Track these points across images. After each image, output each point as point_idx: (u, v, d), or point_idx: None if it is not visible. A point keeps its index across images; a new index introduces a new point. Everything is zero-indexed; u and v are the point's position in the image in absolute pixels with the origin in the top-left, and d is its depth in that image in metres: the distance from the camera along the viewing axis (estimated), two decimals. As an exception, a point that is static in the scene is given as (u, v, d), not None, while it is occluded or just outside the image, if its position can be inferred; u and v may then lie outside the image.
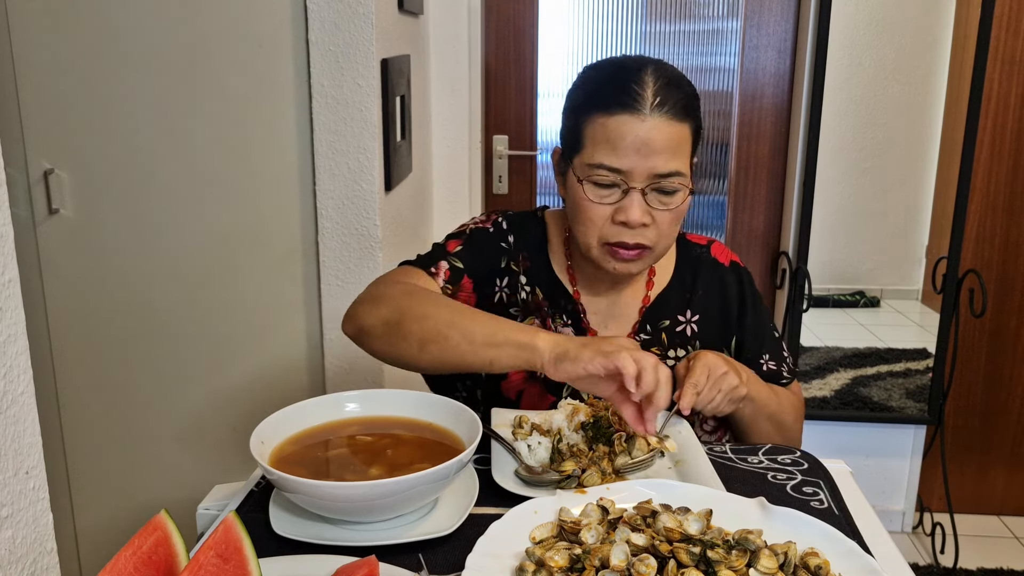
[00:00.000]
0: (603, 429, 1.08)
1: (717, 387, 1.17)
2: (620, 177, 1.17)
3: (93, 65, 1.81)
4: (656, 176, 1.17)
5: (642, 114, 1.15)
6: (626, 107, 1.15)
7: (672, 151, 1.17)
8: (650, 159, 1.16)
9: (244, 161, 1.86)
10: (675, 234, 1.25)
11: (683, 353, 1.33)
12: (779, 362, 1.39)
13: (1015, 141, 2.65)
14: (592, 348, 1.02)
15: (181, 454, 2.02)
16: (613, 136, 1.16)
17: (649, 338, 1.33)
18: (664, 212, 1.19)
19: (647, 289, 1.35)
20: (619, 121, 1.16)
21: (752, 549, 0.80)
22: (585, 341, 1.04)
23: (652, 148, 1.15)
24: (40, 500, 0.76)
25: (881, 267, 2.97)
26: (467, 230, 1.33)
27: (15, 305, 0.71)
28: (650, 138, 1.15)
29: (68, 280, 1.93)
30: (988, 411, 2.87)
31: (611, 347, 1.02)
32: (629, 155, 1.16)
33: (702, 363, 1.17)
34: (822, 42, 2.47)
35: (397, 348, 1.14)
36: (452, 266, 1.28)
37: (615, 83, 1.18)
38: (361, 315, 1.19)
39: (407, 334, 1.12)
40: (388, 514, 0.91)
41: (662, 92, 1.16)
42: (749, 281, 1.40)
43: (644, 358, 1.01)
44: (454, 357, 1.10)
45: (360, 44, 1.77)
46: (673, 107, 1.16)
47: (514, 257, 1.33)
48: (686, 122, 1.18)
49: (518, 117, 2.74)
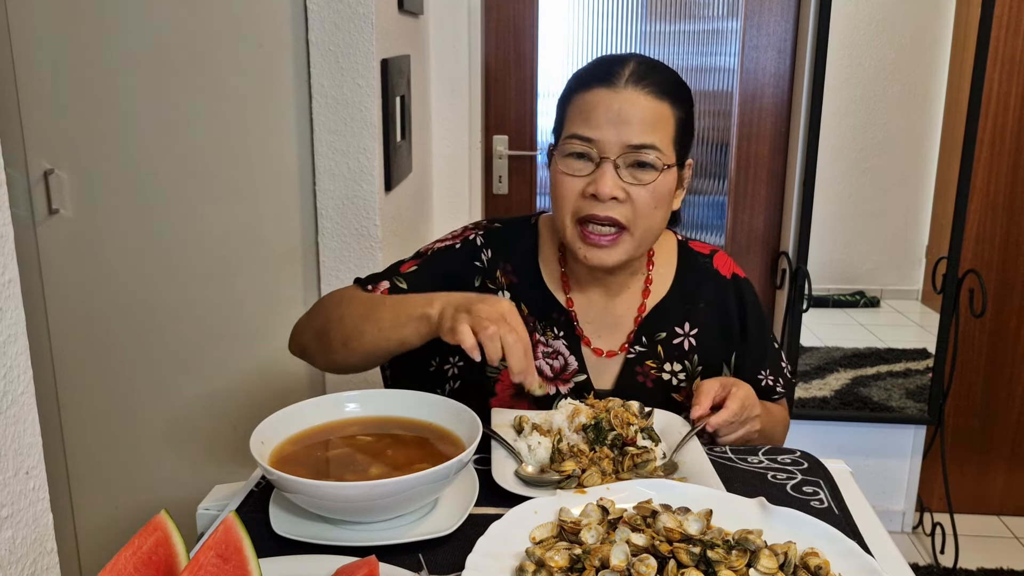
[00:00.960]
0: (603, 431, 1.08)
1: (744, 425, 1.19)
2: (593, 148, 1.16)
3: (93, 65, 1.81)
4: (629, 147, 1.15)
5: (616, 86, 1.16)
6: (601, 81, 1.17)
7: (648, 124, 1.16)
8: (622, 129, 1.15)
9: (244, 161, 1.86)
10: (657, 220, 1.20)
11: (679, 367, 1.29)
12: (777, 375, 1.36)
13: (1015, 141, 2.65)
14: (452, 319, 1.03)
15: (181, 454, 2.02)
16: (587, 107, 1.17)
17: (644, 350, 1.29)
18: (639, 189, 1.16)
19: (643, 297, 1.31)
20: (594, 94, 1.17)
21: (752, 549, 0.80)
22: (458, 306, 1.04)
23: (624, 118, 1.15)
24: (40, 500, 0.76)
25: (881, 267, 2.97)
26: (429, 251, 1.32)
27: (15, 305, 0.71)
28: (623, 109, 1.15)
29: (68, 280, 1.93)
30: (988, 411, 2.87)
31: (465, 319, 1.01)
32: (601, 125, 1.15)
33: (741, 398, 1.17)
34: (822, 42, 2.47)
35: (327, 356, 1.20)
36: (393, 285, 1.26)
37: (597, 67, 1.21)
38: (299, 334, 1.25)
39: (332, 339, 1.17)
40: (388, 514, 0.91)
41: (640, 70, 1.17)
42: (751, 294, 1.36)
43: (483, 330, 0.99)
44: (371, 347, 1.13)
45: (360, 44, 1.77)
46: (652, 84, 1.17)
47: (490, 274, 1.29)
48: (667, 101, 1.17)
49: (518, 117, 2.74)
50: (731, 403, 1.16)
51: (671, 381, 1.29)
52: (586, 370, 1.28)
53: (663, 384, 1.29)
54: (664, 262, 1.34)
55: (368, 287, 1.26)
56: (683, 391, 1.30)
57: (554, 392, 1.26)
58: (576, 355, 1.28)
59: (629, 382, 1.28)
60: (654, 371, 1.29)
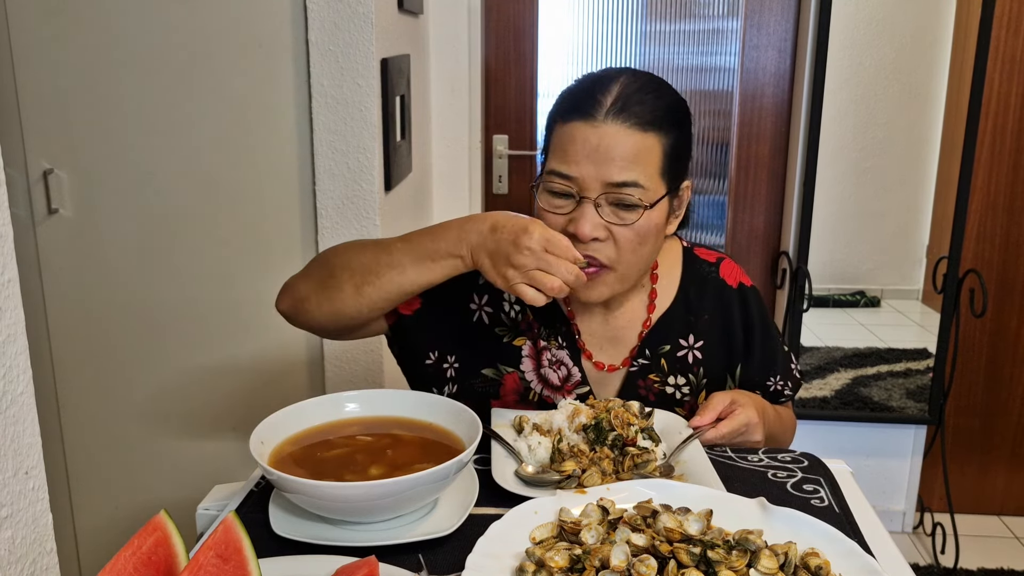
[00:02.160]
0: (604, 431, 1.08)
1: (741, 439, 1.18)
2: (574, 187, 1.12)
3: (93, 65, 1.81)
4: (609, 185, 1.10)
5: (595, 121, 1.10)
6: (581, 114, 1.11)
7: (629, 160, 1.10)
8: (602, 167, 1.10)
9: (244, 161, 1.86)
10: (643, 256, 1.16)
11: (683, 381, 1.27)
12: (786, 379, 1.33)
13: (1015, 141, 2.65)
14: (501, 276, 1.04)
15: (181, 454, 2.02)
16: (566, 142, 1.12)
17: (647, 363, 1.27)
18: (622, 228, 1.12)
19: (648, 312, 1.28)
20: (573, 127, 1.12)
21: (752, 549, 0.80)
22: (494, 256, 1.05)
23: (604, 156, 1.09)
24: (40, 500, 0.76)
25: (881, 267, 2.97)
26: None
27: (15, 305, 0.71)
28: (602, 145, 1.09)
29: (68, 280, 1.93)
30: (988, 411, 2.87)
31: (515, 275, 1.03)
32: (580, 162, 1.10)
33: (743, 420, 1.16)
34: (822, 42, 2.47)
35: (333, 302, 1.15)
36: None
37: (581, 92, 1.14)
38: (293, 286, 1.21)
39: (341, 286, 1.14)
40: (388, 514, 0.91)
41: (623, 99, 1.11)
42: (757, 302, 1.32)
43: (547, 287, 1.02)
44: (391, 289, 1.12)
45: (360, 44, 1.77)
46: (634, 115, 1.10)
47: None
48: (651, 132, 1.11)
49: (518, 117, 2.74)
50: (722, 427, 1.15)
51: (675, 395, 1.27)
52: (588, 383, 1.26)
53: (666, 398, 1.27)
54: (668, 272, 1.30)
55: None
56: (687, 404, 1.28)
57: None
58: (579, 367, 1.26)
59: (632, 395, 1.26)
60: (657, 384, 1.27)
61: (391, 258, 1.11)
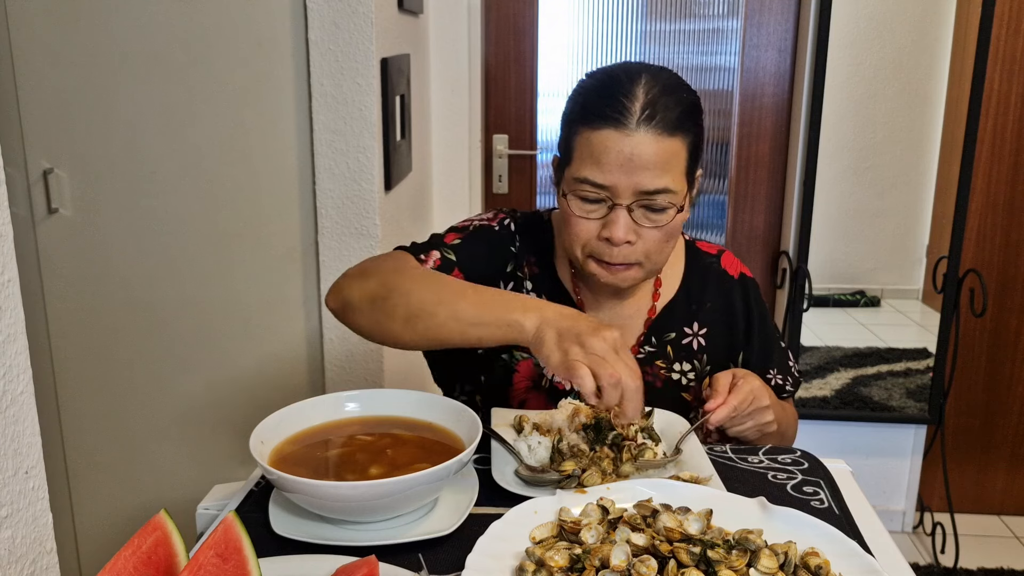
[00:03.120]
0: (604, 431, 1.08)
1: (753, 417, 1.18)
2: (605, 193, 1.14)
3: (93, 65, 1.81)
4: (642, 193, 1.12)
5: (627, 129, 1.11)
6: (611, 121, 1.11)
7: (660, 167, 1.12)
8: (635, 176, 1.11)
9: (244, 161, 1.86)
10: (668, 250, 1.20)
11: (688, 367, 1.30)
12: (785, 374, 1.36)
13: (1015, 141, 2.65)
14: (561, 351, 0.97)
15: (181, 454, 2.02)
16: (598, 151, 1.12)
17: (654, 350, 1.30)
18: (652, 229, 1.15)
19: (653, 300, 1.32)
20: (604, 136, 1.12)
21: (752, 549, 0.80)
22: (563, 333, 0.98)
23: (637, 164, 1.11)
24: (40, 500, 0.76)
25: (881, 267, 2.97)
26: (471, 225, 1.30)
27: (14, 305, 0.71)
28: (635, 154, 1.11)
29: (68, 280, 1.93)
30: (988, 411, 2.87)
31: (579, 353, 0.96)
32: (613, 171, 1.12)
33: (748, 389, 1.17)
34: (822, 41, 2.47)
35: (382, 325, 1.10)
36: (443, 256, 1.24)
37: (603, 95, 1.14)
38: (347, 288, 1.15)
39: (392, 310, 1.08)
40: (388, 514, 0.91)
41: (651, 105, 1.11)
42: (756, 294, 1.36)
43: (605, 373, 0.94)
44: (443, 335, 1.06)
45: (360, 43, 1.77)
46: (663, 121, 1.11)
47: (520, 263, 1.30)
48: (678, 136, 1.13)
49: (518, 116, 2.73)
50: (732, 398, 1.16)
51: (680, 381, 1.30)
52: None
53: (673, 384, 1.30)
54: (672, 263, 1.34)
55: (420, 256, 1.22)
56: (692, 391, 1.31)
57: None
58: None
59: None
60: (663, 371, 1.29)
61: (453, 304, 1.05)
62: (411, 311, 1.07)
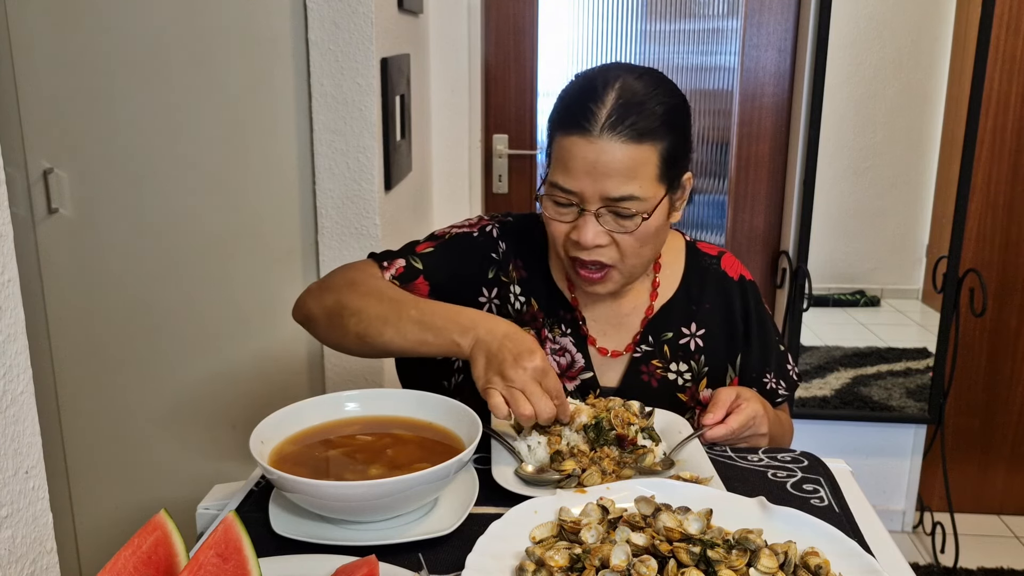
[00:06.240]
0: (604, 431, 1.08)
1: (748, 441, 1.19)
2: (575, 198, 1.15)
3: (93, 65, 1.81)
4: (607, 199, 1.13)
5: (591, 136, 1.11)
6: (579, 128, 1.12)
7: (625, 175, 1.12)
8: (600, 182, 1.12)
9: (244, 161, 1.86)
10: (647, 254, 1.20)
11: (685, 367, 1.30)
12: (780, 379, 1.36)
13: (1015, 141, 2.65)
14: (485, 377, 1.04)
15: (181, 454, 2.02)
16: (566, 157, 1.14)
17: (651, 349, 1.30)
18: (623, 235, 1.16)
19: (651, 299, 1.32)
20: (571, 142, 1.13)
21: (752, 549, 0.80)
22: (490, 358, 1.05)
23: (602, 171, 1.12)
24: (40, 500, 0.76)
25: (881, 266, 2.97)
26: (447, 234, 1.31)
27: (15, 305, 0.71)
28: (599, 161, 1.11)
29: (68, 280, 1.93)
30: (988, 410, 2.87)
31: (498, 383, 1.03)
32: (580, 177, 1.13)
33: (750, 413, 1.18)
34: (822, 41, 2.47)
35: (338, 341, 1.20)
36: (409, 265, 1.26)
37: (577, 101, 1.15)
38: (308, 304, 1.23)
39: (345, 327, 1.17)
40: (388, 514, 0.91)
41: (618, 112, 1.11)
42: (756, 296, 1.35)
43: (517, 408, 1.01)
44: (390, 350, 1.15)
45: (360, 43, 1.77)
46: (630, 128, 1.11)
47: (504, 268, 1.30)
48: (647, 143, 1.12)
49: (518, 116, 2.73)
50: (732, 420, 1.17)
51: (676, 381, 1.30)
52: (592, 368, 1.28)
53: (668, 384, 1.29)
54: (671, 263, 1.34)
55: (384, 263, 1.26)
56: (688, 391, 1.30)
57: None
58: (583, 353, 1.28)
59: (634, 381, 1.28)
60: (660, 371, 1.29)
61: (399, 323, 1.12)
62: (360, 329, 1.15)
